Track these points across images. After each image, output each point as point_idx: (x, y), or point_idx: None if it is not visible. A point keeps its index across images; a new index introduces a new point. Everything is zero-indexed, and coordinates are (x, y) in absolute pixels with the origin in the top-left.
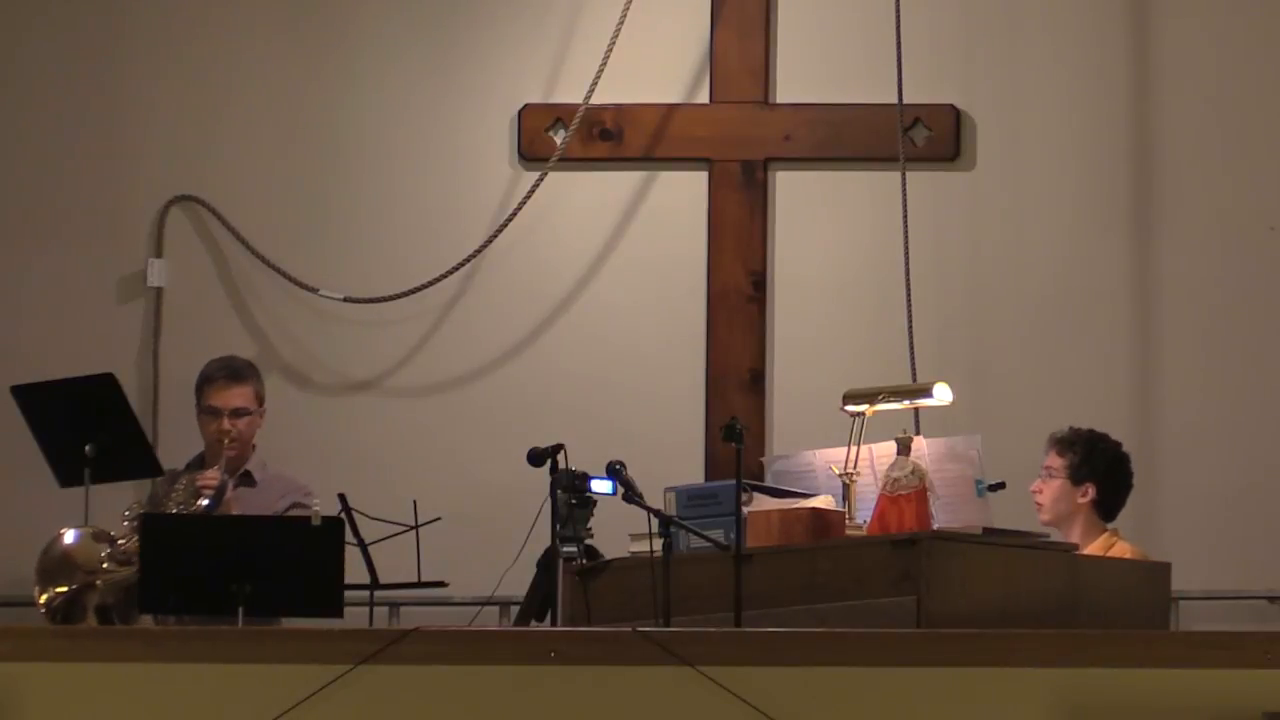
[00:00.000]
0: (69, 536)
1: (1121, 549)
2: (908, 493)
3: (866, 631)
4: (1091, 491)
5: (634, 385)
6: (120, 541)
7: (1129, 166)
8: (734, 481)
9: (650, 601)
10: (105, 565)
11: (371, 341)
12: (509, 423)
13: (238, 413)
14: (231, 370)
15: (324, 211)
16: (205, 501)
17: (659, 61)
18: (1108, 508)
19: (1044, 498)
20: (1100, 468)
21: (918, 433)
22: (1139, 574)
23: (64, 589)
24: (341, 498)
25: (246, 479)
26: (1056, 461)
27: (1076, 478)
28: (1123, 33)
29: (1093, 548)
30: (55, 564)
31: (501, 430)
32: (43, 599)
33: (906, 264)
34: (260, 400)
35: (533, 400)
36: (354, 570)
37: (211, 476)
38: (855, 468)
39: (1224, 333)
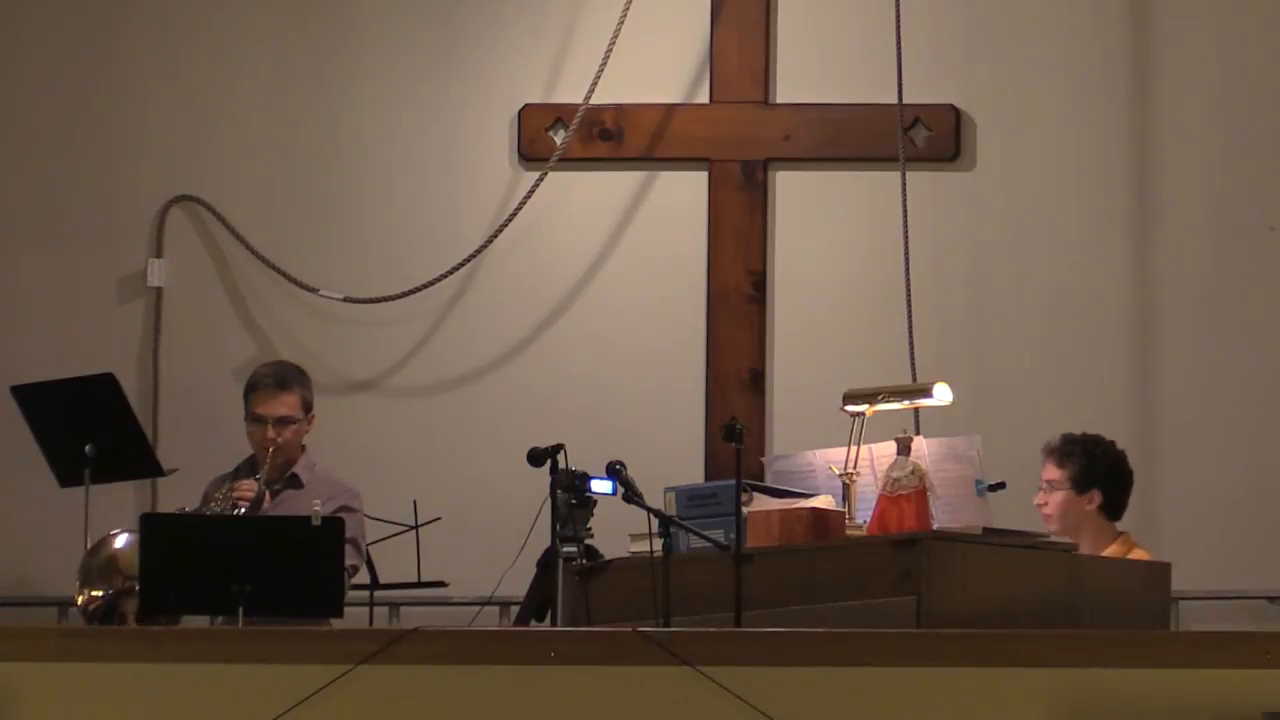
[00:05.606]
0: (120, 540)
1: (1139, 555)
2: (908, 493)
3: (866, 631)
4: (1097, 497)
5: (634, 385)
6: None
7: (1129, 166)
8: (734, 481)
9: (650, 601)
10: None
11: (371, 341)
12: (509, 423)
13: (282, 421)
14: (277, 378)
15: (324, 211)
16: (241, 511)
17: (659, 61)
18: (1114, 508)
19: (1050, 509)
20: (1102, 473)
21: (918, 433)
22: (1139, 574)
23: (99, 594)
24: None
25: (294, 481)
26: (1056, 473)
27: (1080, 486)
28: (1123, 33)
29: (1108, 553)
30: (99, 566)
31: (501, 430)
32: (80, 600)
33: (906, 264)
34: (308, 407)
35: (533, 400)
36: None
37: (248, 487)
38: (855, 468)
39: (1223, 333)
